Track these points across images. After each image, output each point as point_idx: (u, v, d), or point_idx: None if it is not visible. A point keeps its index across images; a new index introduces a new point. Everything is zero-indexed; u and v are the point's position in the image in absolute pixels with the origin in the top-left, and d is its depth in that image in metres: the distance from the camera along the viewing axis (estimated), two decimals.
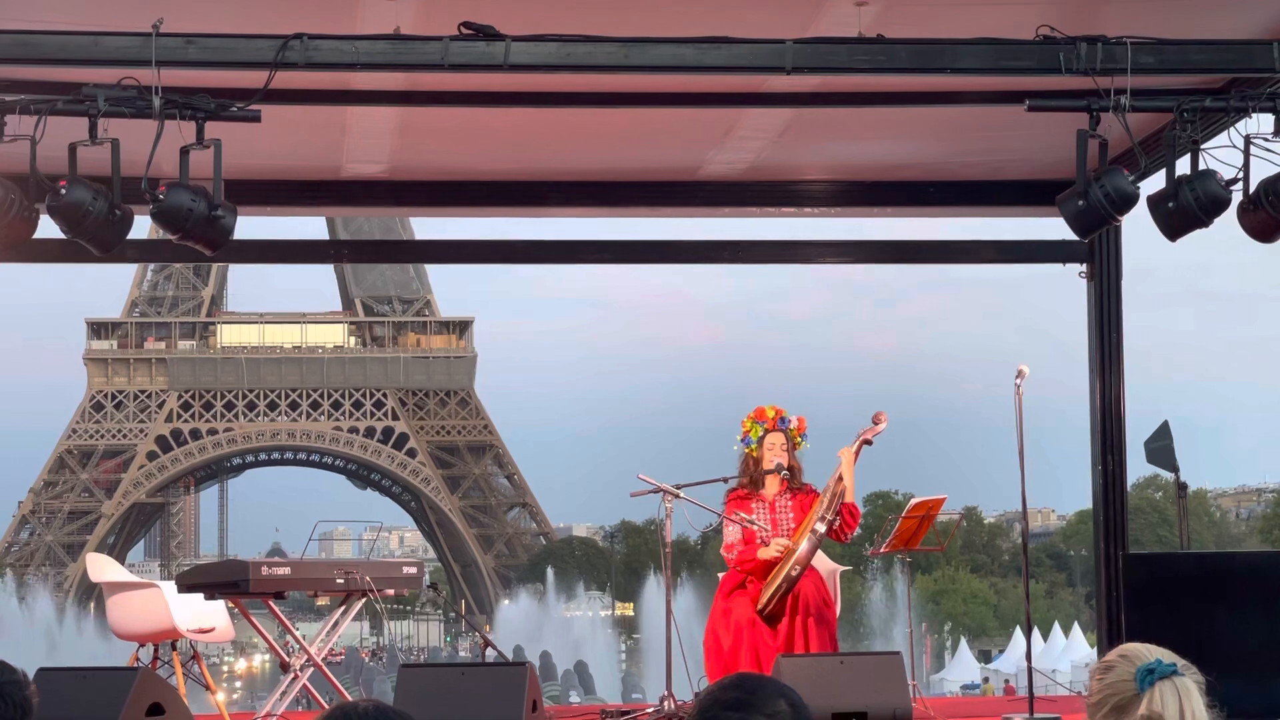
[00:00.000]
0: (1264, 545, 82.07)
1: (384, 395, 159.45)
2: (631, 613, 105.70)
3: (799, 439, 10.70)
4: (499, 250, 13.01)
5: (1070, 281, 12.19)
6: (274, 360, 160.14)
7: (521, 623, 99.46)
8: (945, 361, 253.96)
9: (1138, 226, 9.54)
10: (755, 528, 10.41)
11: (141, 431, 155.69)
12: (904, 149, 11.85)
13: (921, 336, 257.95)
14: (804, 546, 10.18)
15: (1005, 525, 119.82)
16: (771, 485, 10.58)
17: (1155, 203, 8.85)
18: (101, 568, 12.24)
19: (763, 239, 12.81)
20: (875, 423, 10.56)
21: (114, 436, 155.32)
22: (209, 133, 8.28)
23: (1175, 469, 12.58)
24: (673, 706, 10.25)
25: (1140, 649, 3.96)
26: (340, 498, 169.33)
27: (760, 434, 10.60)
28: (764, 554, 10.32)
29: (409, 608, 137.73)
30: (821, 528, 10.18)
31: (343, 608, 11.61)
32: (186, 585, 11.12)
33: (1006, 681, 51.57)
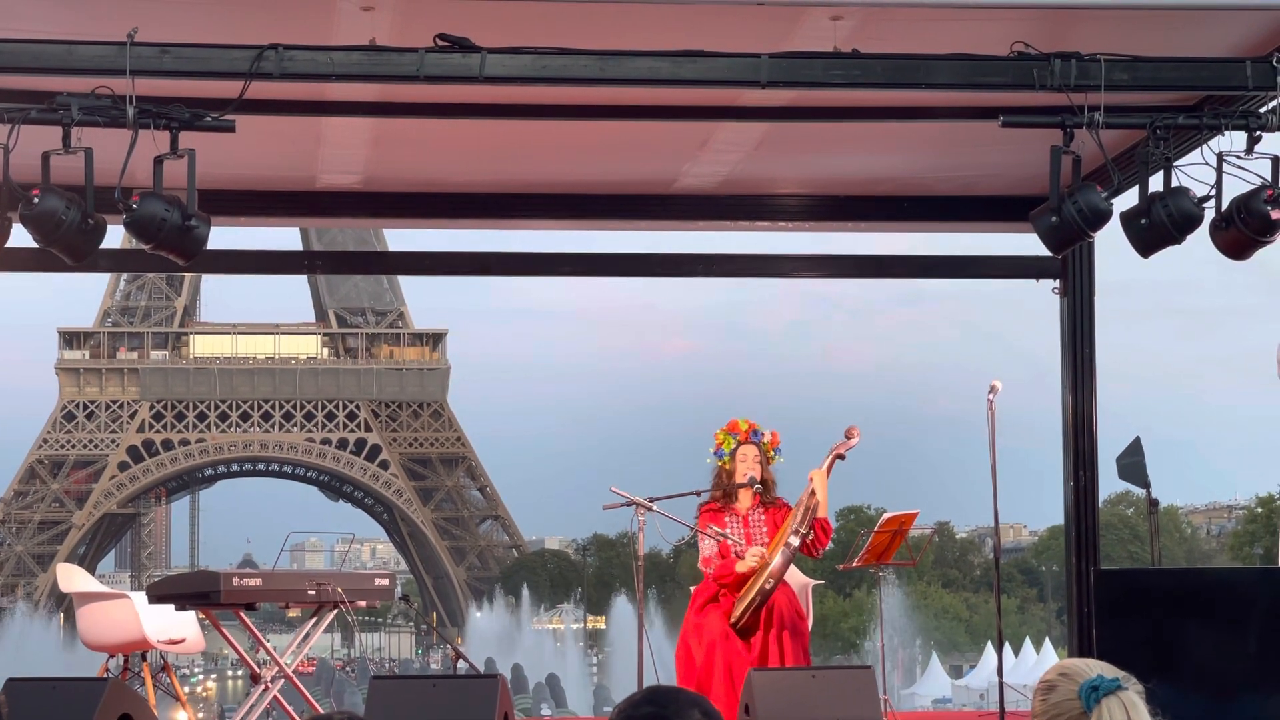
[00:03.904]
0: (1234, 561, 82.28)
1: (357, 407, 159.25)
2: (604, 626, 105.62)
3: (772, 453, 10.72)
4: (473, 262, 12.99)
5: (1043, 297, 12.22)
6: (247, 371, 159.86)
7: (493, 635, 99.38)
8: (918, 376, 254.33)
9: (1111, 243, 9.57)
10: (730, 541, 10.42)
11: (113, 442, 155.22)
12: (878, 164, 11.86)
13: (894, 351, 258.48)
14: (777, 560, 10.18)
15: (977, 540, 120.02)
16: (744, 499, 10.59)
17: (1128, 219, 8.86)
18: (72, 578, 12.21)
19: (737, 252, 12.82)
20: (847, 437, 10.58)
21: (85, 447, 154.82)
22: (183, 142, 8.25)
23: (1147, 485, 12.60)
24: None
25: (1080, 665, 3.92)
26: (312, 509, 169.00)
27: (733, 447, 10.62)
28: (741, 566, 10.32)
29: (381, 619, 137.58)
30: (795, 541, 10.18)
31: (314, 619, 11.60)
32: (157, 596, 11.09)
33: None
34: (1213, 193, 8.77)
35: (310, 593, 11.04)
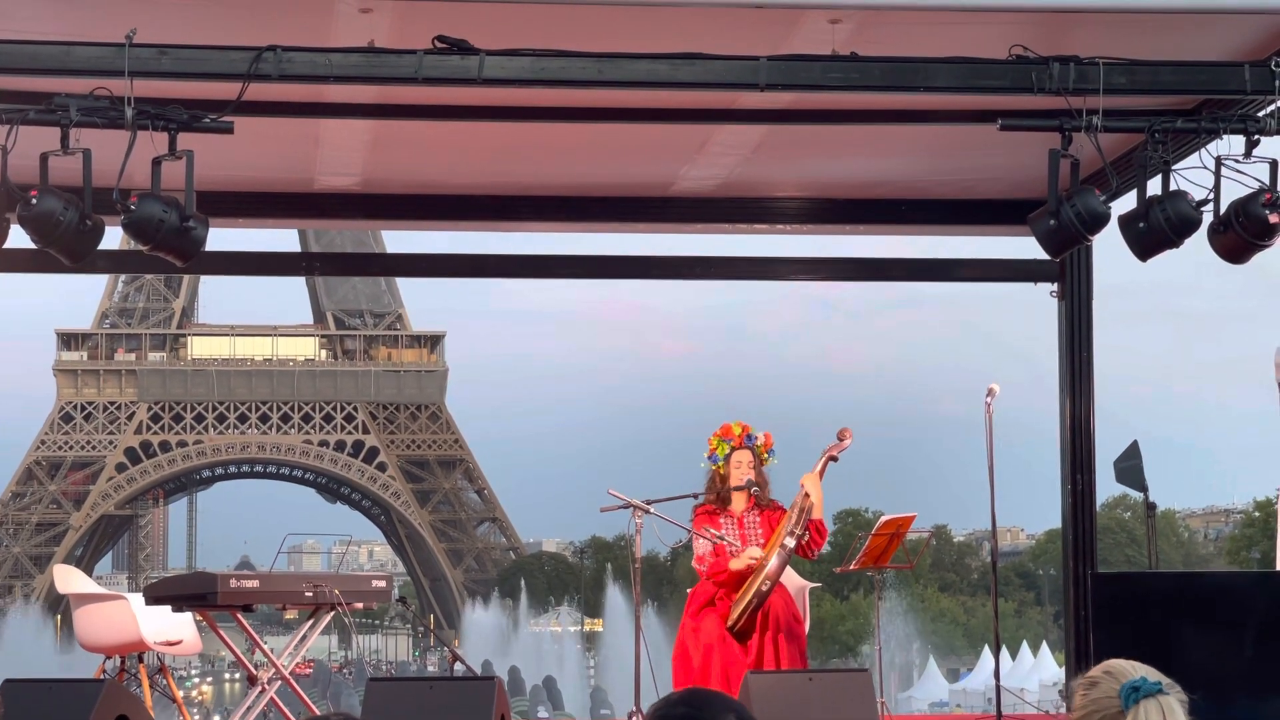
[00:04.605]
0: (1231, 565, 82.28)
1: (354, 409, 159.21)
2: (600, 628, 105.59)
3: (766, 455, 10.71)
4: (471, 264, 12.98)
5: (1041, 300, 12.22)
6: (244, 373, 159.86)
7: (490, 637, 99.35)
8: (917, 377, 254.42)
9: (1109, 246, 9.57)
10: (725, 542, 10.41)
11: (110, 443, 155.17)
12: (877, 167, 11.87)
13: (893, 352, 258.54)
14: (773, 562, 10.18)
15: (974, 544, 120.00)
16: (739, 502, 10.59)
17: (1126, 222, 8.87)
18: (69, 579, 12.20)
19: (735, 255, 12.82)
20: (840, 439, 10.57)
21: (83, 448, 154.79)
22: (181, 144, 8.25)
23: (1144, 489, 12.60)
24: None
25: (1125, 666, 3.95)
26: (310, 511, 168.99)
27: (727, 451, 10.61)
28: (735, 564, 10.32)
29: (378, 621, 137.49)
30: (790, 543, 10.18)
31: (311, 621, 11.59)
32: (154, 597, 11.08)
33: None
34: (1211, 196, 8.77)
35: (307, 594, 11.03)
